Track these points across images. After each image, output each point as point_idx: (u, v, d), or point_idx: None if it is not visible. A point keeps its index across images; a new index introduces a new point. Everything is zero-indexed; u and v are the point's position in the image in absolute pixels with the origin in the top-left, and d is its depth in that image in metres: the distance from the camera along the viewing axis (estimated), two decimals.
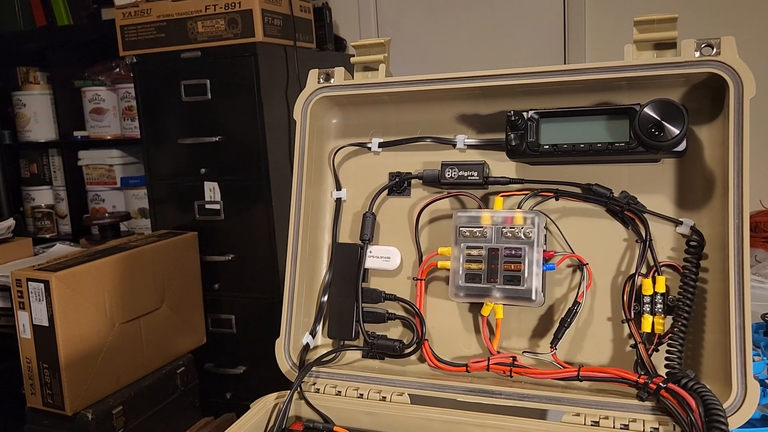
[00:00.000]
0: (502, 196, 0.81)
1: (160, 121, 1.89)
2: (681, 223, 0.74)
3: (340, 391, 0.82)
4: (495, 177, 0.82)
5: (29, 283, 1.41)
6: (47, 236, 2.49)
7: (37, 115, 2.44)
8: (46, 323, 1.41)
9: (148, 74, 1.89)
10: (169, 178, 1.92)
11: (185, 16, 1.80)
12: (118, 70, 2.28)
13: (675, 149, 0.71)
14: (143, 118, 1.92)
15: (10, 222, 2.07)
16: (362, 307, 0.86)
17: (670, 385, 0.67)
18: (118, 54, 1.90)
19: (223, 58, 1.79)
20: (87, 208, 2.42)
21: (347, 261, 0.88)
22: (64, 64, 2.36)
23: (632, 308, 0.75)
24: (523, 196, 0.80)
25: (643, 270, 0.75)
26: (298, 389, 0.81)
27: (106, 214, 2.24)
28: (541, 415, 0.75)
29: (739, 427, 0.66)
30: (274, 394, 0.82)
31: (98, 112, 2.31)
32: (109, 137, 2.32)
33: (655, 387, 0.68)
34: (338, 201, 0.91)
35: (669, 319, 0.74)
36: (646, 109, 0.71)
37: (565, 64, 0.77)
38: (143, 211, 2.28)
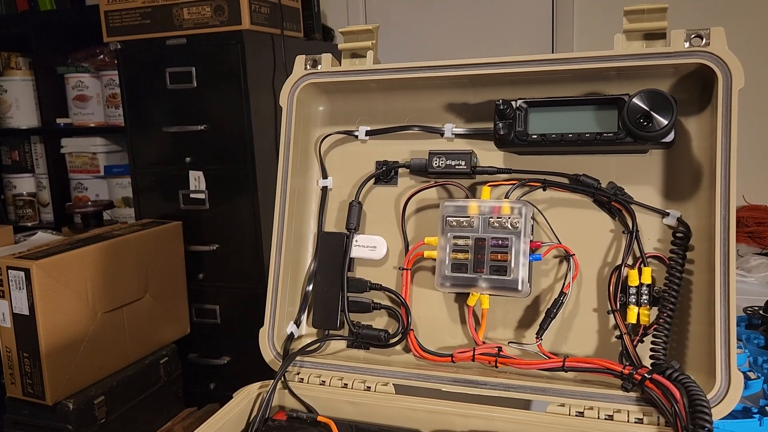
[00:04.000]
0: (489, 185, 0.80)
1: (145, 109, 1.87)
2: (668, 214, 0.74)
3: (324, 381, 0.81)
4: (482, 166, 0.81)
5: (9, 271, 1.39)
6: (29, 224, 2.46)
7: (18, 101, 2.40)
8: (26, 312, 1.39)
9: (133, 61, 1.86)
10: (153, 166, 1.89)
11: (171, 3, 1.77)
12: (102, 56, 2.24)
13: (663, 140, 0.71)
14: (127, 106, 1.89)
15: None
16: (347, 297, 0.85)
17: (655, 375, 0.67)
18: (102, 40, 1.87)
19: (209, 45, 1.76)
20: (70, 196, 2.39)
21: (333, 250, 0.87)
22: (46, 49, 2.32)
23: (618, 299, 0.75)
24: (511, 186, 0.80)
25: (630, 261, 0.75)
26: (282, 379, 0.80)
27: (89, 203, 2.22)
28: (526, 405, 0.75)
29: (721, 419, 0.67)
30: (258, 384, 0.81)
31: (81, 99, 2.28)
32: (92, 125, 2.29)
33: (639, 378, 0.68)
34: (324, 189, 0.90)
35: (654, 311, 0.74)
36: (634, 100, 0.71)
37: (553, 53, 0.77)
38: (127, 200, 2.25)
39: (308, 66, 0.86)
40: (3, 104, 2.41)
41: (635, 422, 0.68)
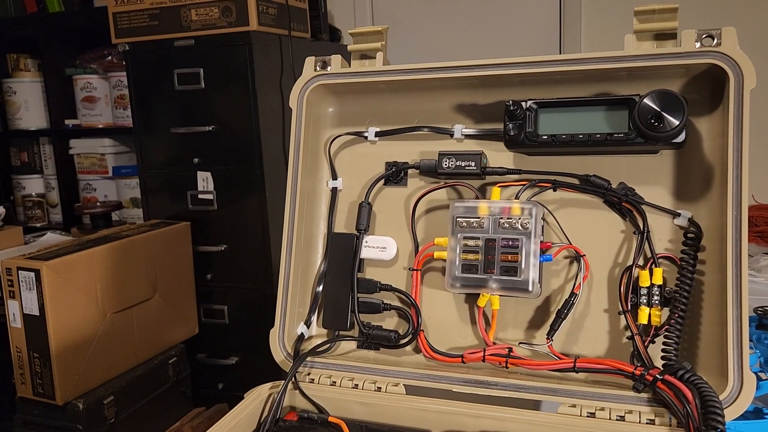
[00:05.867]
0: (499, 186, 0.80)
1: (153, 110, 1.87)
2: (679, 214, 0.74)
3: (334, 382, 0.81)
4: (492, 167, 0.81)
5: (20, 271, 1.40)
6: (38, 225, 2.47)
7: (27, 102, 2.41)
8: (36, 312, 1.39)
9: (141, 62, 1.87)
10: (161, 167, 1.90)
11: (178, 4, 1.78)
12: (110, 58, 2.25)
13: (674, 140, 0.71)
14: (136, 107, 1.90)
15: (0, 210, 2.05)
16: (357, 298, 0.85)
17: (667, 376, 0.67)
18: (111, 42, 1.88)
19: (217, 46, 1.77)
20: (78, 197, 2.40)
21: (343, 251, 0.87)
22: (55, 51, 2.33)
23: (629, 300, 0.75)
24: (521, 186, 0.80)
25: (641, 262, 0.75)
26: (293, 379, 0.80)
27: (98, 204, 2.23)
28: (537, 406, 0.75)
29: (733, 420, 0.66)
30: (269, 384, 0.81)
31: (90, 101, 2.29)
32: (100, 126, 2.30)
33: (651, 378, 0.68)
34: (334, 190, 0.90)
35: (666, 311, 0.74)
36: (645, 100, 0.70)
37: (560, 54, 0.77)
38: (135, 201, 2.26)
39: (318, 67, 0.86)
40: (12, 106, 2.43)
41: (647, 423, 0.68)
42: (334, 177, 0.90)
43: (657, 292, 0.73)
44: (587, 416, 0.70)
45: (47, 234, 2.22)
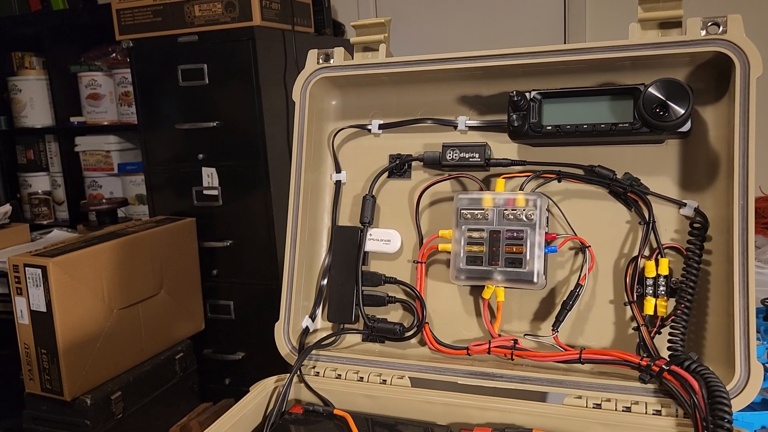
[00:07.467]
0: (503, 178, 0.80)
1: (157, 107, 1.88)
2: (685, 204, 0.74)
3: (340, 375, 0.81)
4: (497, 159, 0.81)
5: (27, 268, 1.40)
6: (44, 222, 2.48)
7: (33, 100, 2.42)
8: (43, 309, 1.40)
9: (145, 59, 1.87)
10: (166, 163, 1.90)
11: (182, 0, 1.78)
12: (114, 54, 2.25)
13: (679, 130, 0.70)
14: (140, 104, 1.90)
15: (7, 208, 2.06)
16: (362, 291, 0.85)
17: (673, 367, 0.67)
18: (115, 38, 1.88)
19: (221, 42, 1.77)
20: (84, 194, 2.41)
21: (347, 244, 0.87)
22: (59, 49, 2.33)
23: (635, 290, 0.74)
24: (525, 177, 0.80)
25: (646, 252, 0.75)
26: (298, 372, 0.80)
27: (104, 200, 2.23)
28: (543, 397, 0.75)
29: (740, 410, 0.66)
30: (274, 378, 0.82)
31: (95, 98, 2.29)
32: (105, 123, 2.31)
33: (657, 369, 0.68)
34: (338, 183, 0.90)
35: (672, 302, 0.73)
36: (650, 89, 0.70)
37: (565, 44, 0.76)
38: (141, 198, 2.27)
39: (321, 60, 0.86)
40: (18, 104, 2.43)
41: (653, 414, 0.68)
42: (338, 170, 0.90)
43: (663, 283, 0.73)
44: (593, 407, 0.70)
45: (53, 231, 2.23)
